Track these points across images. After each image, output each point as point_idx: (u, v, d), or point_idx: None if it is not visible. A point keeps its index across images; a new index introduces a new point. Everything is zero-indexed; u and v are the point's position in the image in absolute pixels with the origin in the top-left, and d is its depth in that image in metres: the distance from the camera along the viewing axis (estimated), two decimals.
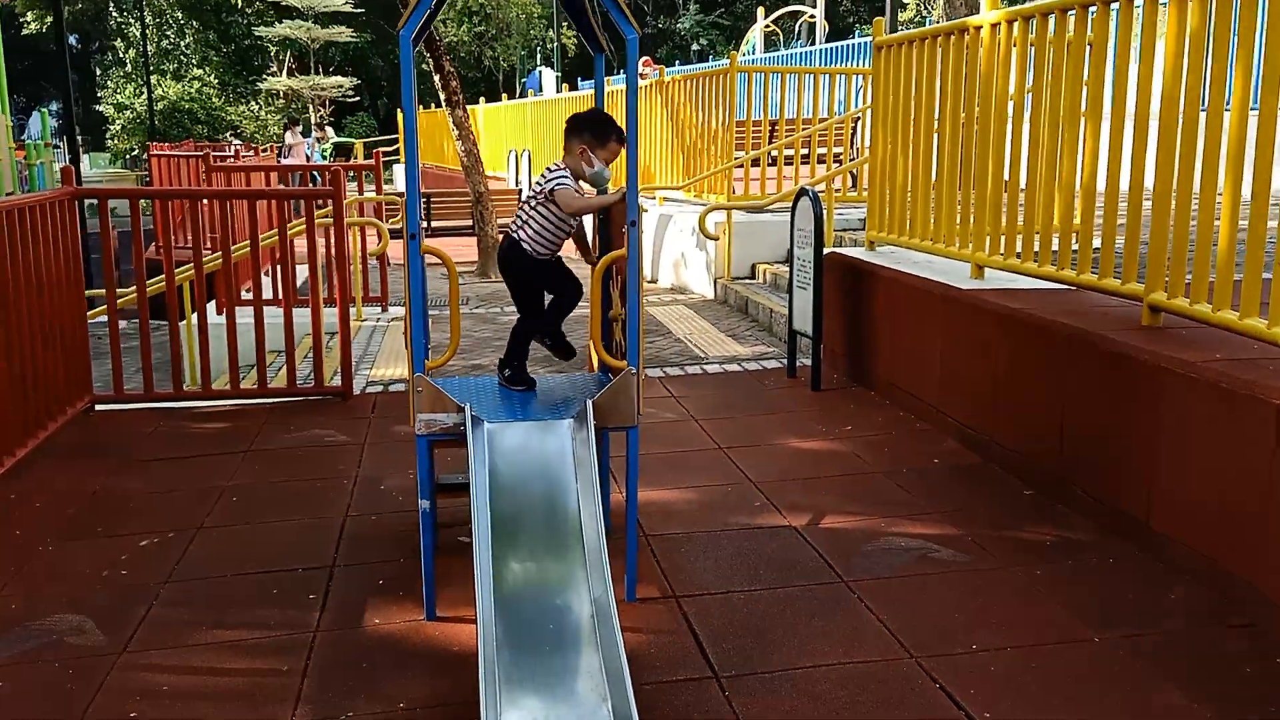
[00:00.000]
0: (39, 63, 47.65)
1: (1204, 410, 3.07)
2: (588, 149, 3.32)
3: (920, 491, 4.04)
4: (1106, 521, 3.56)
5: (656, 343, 7.10)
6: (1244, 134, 3.09)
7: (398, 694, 2.72)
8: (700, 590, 3.26)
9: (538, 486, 2.87)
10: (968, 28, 4.79)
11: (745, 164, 9.50)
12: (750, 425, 5.03)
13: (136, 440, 5.00)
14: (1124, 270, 3.79)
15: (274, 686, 2.78)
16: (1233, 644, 2.83)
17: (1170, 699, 2.59)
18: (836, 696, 2.64)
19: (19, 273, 4.70)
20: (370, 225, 8.55)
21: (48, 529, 3.90)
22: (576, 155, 3.34)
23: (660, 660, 2.85)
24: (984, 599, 3.14)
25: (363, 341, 7.38)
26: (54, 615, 3.21)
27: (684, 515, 3.89)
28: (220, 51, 41.27)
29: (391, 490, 4.24)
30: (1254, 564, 2.91)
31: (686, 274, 9.58)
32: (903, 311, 5.17)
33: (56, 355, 5.11)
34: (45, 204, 5.07)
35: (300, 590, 3.34)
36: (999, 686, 2.67)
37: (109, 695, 2.76)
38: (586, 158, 3.33)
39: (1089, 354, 3.62)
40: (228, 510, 4.07)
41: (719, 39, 41.01)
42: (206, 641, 3.05)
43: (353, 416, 5.33)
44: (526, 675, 2.38)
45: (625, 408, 3.10)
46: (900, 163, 5.52)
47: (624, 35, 2.87)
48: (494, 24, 38.72)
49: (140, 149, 37.54)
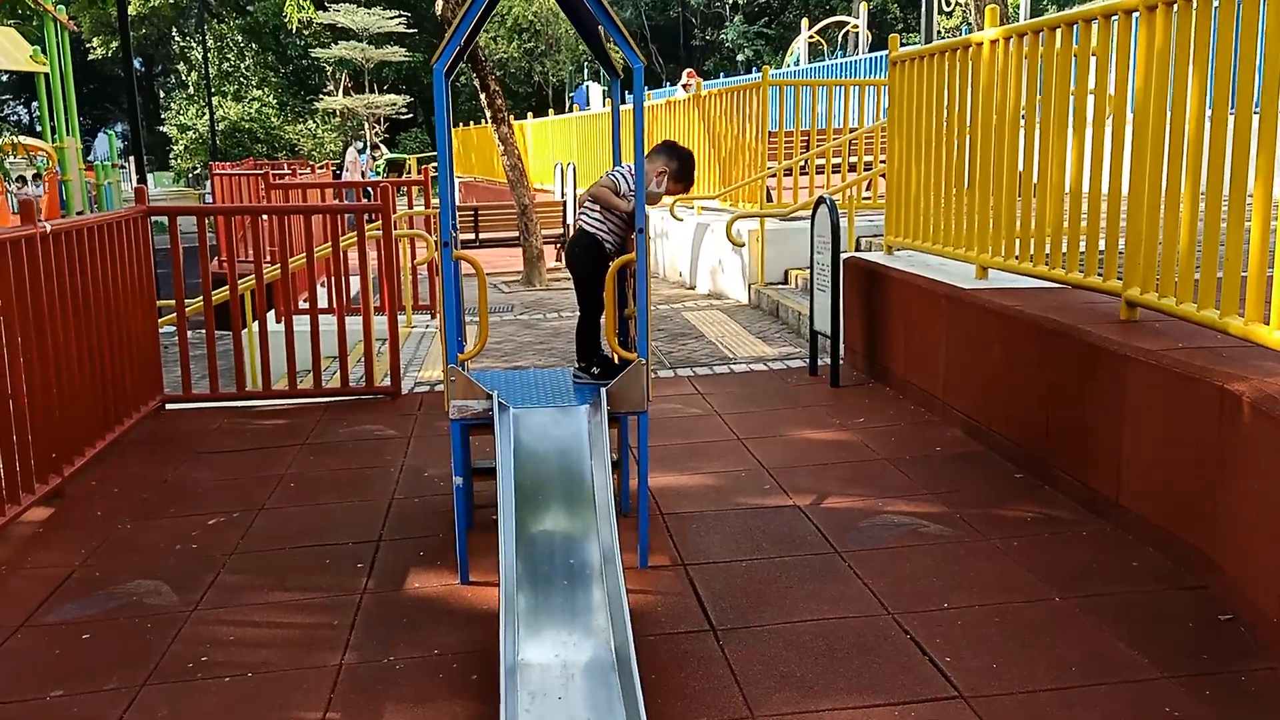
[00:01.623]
0: (103, 86, 49.56)
1: (1161, 393, 3.35)
2: (667, 175, 3.79)
3: (919, 476, 4.35)
4: (1084, 499, 3.84)
5: (688, 345, 7.45)
6: (1201, 142, 3.37)
7: (433, 643, 3.10)
8: (706, 559, 3.61)
9: (556, 461, 3.25)
10: (971, 44, 5.09)
11: (779, 173, 9.83)
12: (769, 419, 5.36)
13: (203, 435, 5.47)
14: (1105, 269, 4.07)
15: (325, 637, 3.18)
16: (1181, 604, 3.11)
17: (1113, 646, 2.89)
18: (816, 645, 2.98)
19: (98, 284, 5.17)
20: (419, 237, 9.02)
21: (125, 510, 4.36)
22: (655, 172, 3.78)
23: (665, 616, 3.20)
24: (962, 566, 3.45)
25: (411, 346, 7.84)
26: (133, 581, 3.65)
27: (697, 496, 4.24)
28: (278, 73, 42.58)
29: (434, 477, 4.64)
30: (1205, 533, 3.18)
31: (723, 280, 9.92)
32: (913, 311, 5.47)
33: (130, 359, 5.58)
34: (121, 221, 5.57)
35: (350, 560, 3.75)
36: (962, 637, 2.98)
37: (183, 643, 3.17)
38: (660, 180, 3.78)
39: (1069, 346, 3.91)
40: (286, 494, 4.50)
41: (765, 49, 41.31)
42: (266, 601, 3.46)
43: (400, 413, 5.76)
44: (542, 609, 2.75)
45: (636, 395, 3.46)
46: (913, 170, 5.82)
47: (630, 65, 3.24)
48: (544, 40, 39.47)
49: (202, 168, 38.85)
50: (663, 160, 3.83)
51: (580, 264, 3.85)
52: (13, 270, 4.29)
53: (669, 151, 3.87)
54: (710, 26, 45.84)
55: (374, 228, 7.35)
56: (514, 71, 39.66)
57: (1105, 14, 4.05)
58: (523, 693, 2.59)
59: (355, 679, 2.92)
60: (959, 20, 31.26)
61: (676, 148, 3.91)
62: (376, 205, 6.35)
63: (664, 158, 3.83)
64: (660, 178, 3.81)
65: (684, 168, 3.87)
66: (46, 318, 4.55)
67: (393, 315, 6.52)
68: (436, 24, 29.90)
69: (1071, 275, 4.28)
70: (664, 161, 3.83)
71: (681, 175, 3.86)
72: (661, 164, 3.82)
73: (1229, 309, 3.25)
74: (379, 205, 6.27)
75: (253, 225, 6.42)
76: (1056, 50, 4.34)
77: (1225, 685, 2.69)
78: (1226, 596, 3.07)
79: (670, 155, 3.85)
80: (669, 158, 3.84)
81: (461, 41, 3.22)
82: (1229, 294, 3.26)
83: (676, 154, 3.87)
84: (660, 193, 3.84)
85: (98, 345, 5.14)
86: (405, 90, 38.85)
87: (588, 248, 3.80)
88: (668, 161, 3.83)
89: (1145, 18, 3.73)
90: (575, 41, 38.85)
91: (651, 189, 3.78)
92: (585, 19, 3.59)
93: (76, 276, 4.90)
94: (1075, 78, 4.22)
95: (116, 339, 5.37)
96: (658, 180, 3.80)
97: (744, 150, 9.92)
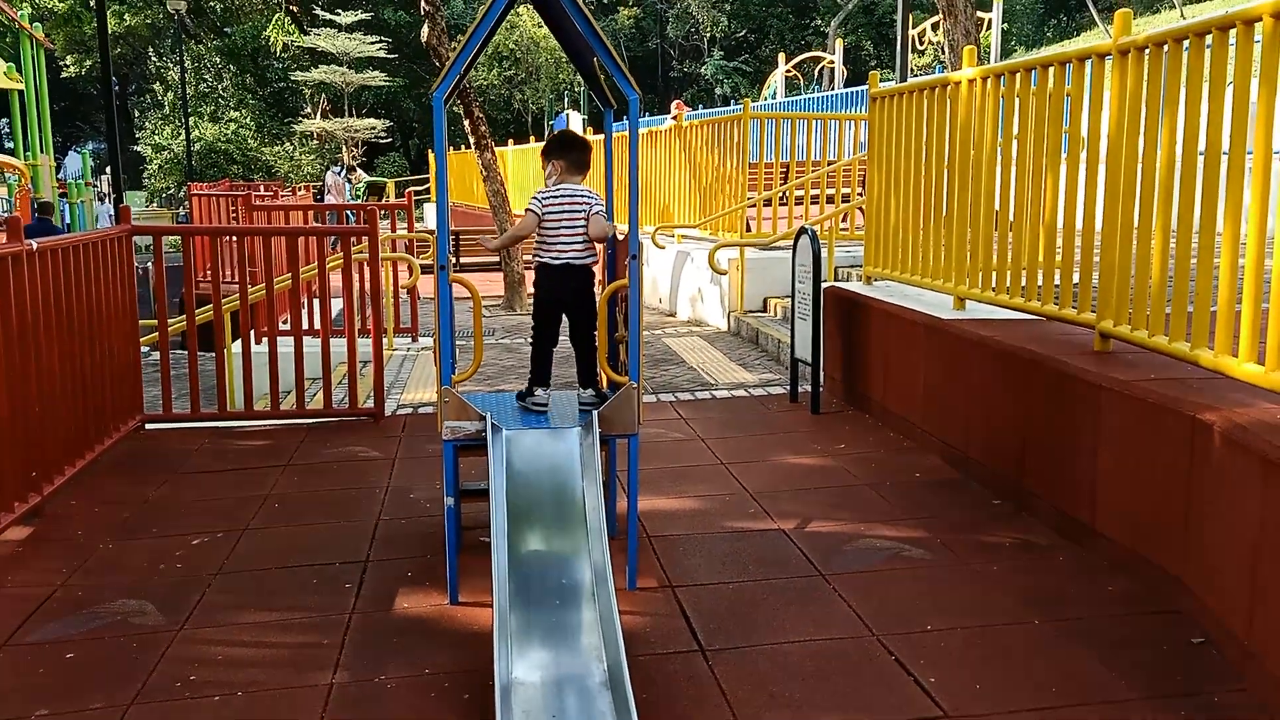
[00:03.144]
0: (76, 104, 49.30)
1: (1134, 423, 3.46)
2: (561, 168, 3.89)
3: (899, 501, 4.43)
4: (1060, 525, 3.94)
5: (670, 371, 7.53)
6: (1172, 180, 3.50)
7: (424, 662, 3.13)
8: (693, 581, 3.67)
9: (548, 481, 3.30)
10: (949, 82, 5.24)
11: (759, 204, 9.97)
12: (751, 444, 5.43)
13: (185, 455, 5.46)
14: (1079, 301, 4.19)
15: (315, 656, 3.19)
16: (1154, 627, 3.20)
17: (1090, 667, 2.97)
18: (803, 665, 3.04)
19: (81, 302, 5.17)
20: (402, 260, 9.07)
21: (106, 530, 4.34)
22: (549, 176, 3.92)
23: (655, 637, 3.25)
24: (943, 590, 3.53)
25: (394, 369, 7.86)
26: (117, 600, 3.64)
27: (683, 519, 4.29)
28: (257, 94, 42.53)
29: (420, 499, 4.66)
30: (1177, 558, 3.28)
31: (702, 308, 10.02)
32: (893, 340, 5.58)
33: (111, 377, 5.57)
34: (104, 240, 5.57)
35: (337, 580, 3.77)
36: (945, 658, 3.05)
37: (169, 663, 3.17)
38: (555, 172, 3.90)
39: (1044, 376, 4.02)
40: (271, 514, 4.50)
41: (743, 83, 41.80)
42: (254, 621, 3.47)
43: (384, 435, 5.78)
44: (535, 628, 2.79)
45: (627, 417, 3.53)
46: (892, 202, 5.95)
47: (626, 96, 3.32)
48: (524, 68, 39.73)
49: (177, 188, 38.66)
50: (552, 161, 3.90)
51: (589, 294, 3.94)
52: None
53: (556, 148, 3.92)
54: (688, 59, 46.35)
55: (359, 250, 7.39)
56: (494, 99, 39.87)
57: (1080, 57, 4.20)
58: (517, 711, 2.63)
59: (347, 698, 2.94)
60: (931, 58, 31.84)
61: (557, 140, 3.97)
62: (363, 228, 6.39)
63: (553, 157, 3.90)
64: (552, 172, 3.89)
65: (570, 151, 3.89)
66: (29, 334, 4.54)
67: (377, 337, 6.55)
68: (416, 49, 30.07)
69: (1047, 307, 4.40)
70: (553, 160, 3.89)
71: (576, 162, 3.90)
72: (552, 164, 3.90)
73: (1199, 341, 3.37)
74: (365, 228, 6.31)
75: (238, 245, 6.44)
76: (1032, 90, 4.48)
77: (1198, 706, 2.77)
78: (1198, 620, 3.16)
79: (558, 151, 3.90)
80: (558, 154, 3.89)
81: (461, 70, 3.30)
82: (1199, 327, 3.37)
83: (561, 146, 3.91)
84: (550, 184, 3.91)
85: (79, 363, 5.13)
86: (384, 114, 38.91)
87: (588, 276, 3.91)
88: (557, 159, 3.89)
89: (1118, 61, 3.88)
90: (555, 70, 39.16)
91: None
92: (581, 50, 3.68)
93: (60, 295, 4.90)
94: (1050, 116, 4.36)
95: (98, 357, 5.37)
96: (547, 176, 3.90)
97: (725, 181, 10.06)
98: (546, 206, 3.79)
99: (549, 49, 37.88)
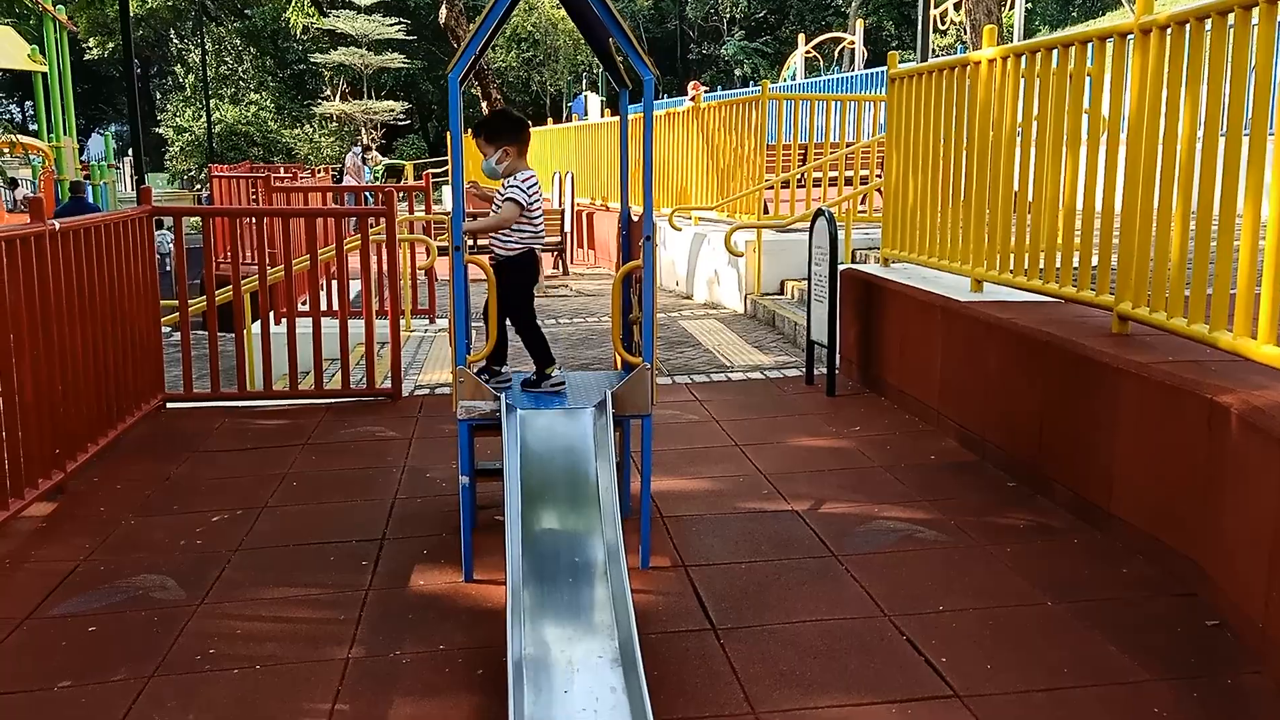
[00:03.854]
0: (98, 87, 49.58)
1: (1152, 405, 3.44)
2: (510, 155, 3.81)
3: (914, 484, 4.42)
4: (1076, 508, 3.92)
5: (686, 353, 7.53)
6: (1192, 161, 3.47)
7: (439, 638, 3.16)
8: (706, 561, 3.68)
9: (562, 461, 3.32)
10: (969, 62, 5.19)
11: (776, 186, 9.93)
12: (766, 426, 5.43)
13: (205, 434, 5.51)
14: (1098, 283, 4.16)
15: (332, 632, 3.23)
16: (1170, 609, 3.19)
17: (1104, 649, 2.97)
18: (815, 644, 3.05)
19: (103, 282, 5.22)
20: (420, 242, 9.09)
21: (128, 507, 4.40)
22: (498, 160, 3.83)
23: (667, 615, 3.27)
24: (957, 571, 3.53)
25: (411, 350, 7.90)
26: (138, 575, 3.69)
27: (697, 500, 4.31)
28: (276, 77, 42.65)
29: (435, 478, 4.69)
30: (1193, 541, 3.26)
31: (719, 290, 10.00)
32: (909, 323, 5.56)
33: (133, 357, 5.63)
34: (126, 221, 5.62)
35: (354, 558, 3.80)
36: (957, 639, 3.06)
37: (190, 637, 3.22)
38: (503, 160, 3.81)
39: (1062, 358, 4.00)
40: (289, 492, 4.55)
41: (763, 64, 41.56)
42: (273, 597, 3.52)
43: (401, 415, 5.81)
44: (548, 605, 2.82)
45: (640, 398, 3.54)
46: (911, 184, 5.92)
47: (641, 77, 3.32)
48: (542, 50, 39.66)
49: (197, 170, 38.87)
50: (503, 146, 3.78)
51: None
52: (21, 267, 4.34)
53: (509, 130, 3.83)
54: (708, 41, 46.11)
55: (376, 231, 7.42)
56: (512, 81, 39.84)
57: (1101, 36, 4.16)
58: (529, 687, 2.65)
59: (363, 672, 2.98)
60: (953, 38, 31.54)
61: (508, 120, 3.88)
62: (381, 210, 6.41)
63: (504, 141, 3.78)
64: (504, 158, 3.80)
65: (522, 133, 3.81)
66: (53, 314, 4.59)
67: (395, 318, 6.58)
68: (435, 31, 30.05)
69: (1065, 289, 4.37)
70: (505, 145, 3.78)
71: (526, 145, 3.83)
72: (503, 149, 3.79)
73: (1218, 324, 3.34)
74: (384, 210, 6.33)
75: (257, 226, 6.48)
76: (1053, 70, 4.43)
77: (1213, 688, 2.77)
78: (1214, 603, 3.15)
79: (512, 135, 3.80)
80: (511, 138, 3.80)
81: (477, 50, 3.30)
82: (1218, 309, 3.34)
83: (515, 127, 3.83)
84: (495, 168, 3.81)
85: (101, 343, 5.18)
86: (403, 96, 38.96)
87: None
88: (510, 144, 3.78)
89: (1139, 40, 3.83)
90: (573, 51, 39.07)
91: (498, 168, 3.80)
92: (597, 31, 3.67)
93: (82, 275, 4.95)
94: (1070, 97, 4.31)
95: (120, 337, 5.42)
96: (498, 161, 3.79)
97: (742, 162, 10.02)
98: (531, 197, 3.76)
99: (567, 30, 37.79)
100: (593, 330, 8.78)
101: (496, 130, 3.83)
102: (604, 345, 7.84)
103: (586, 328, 8.98)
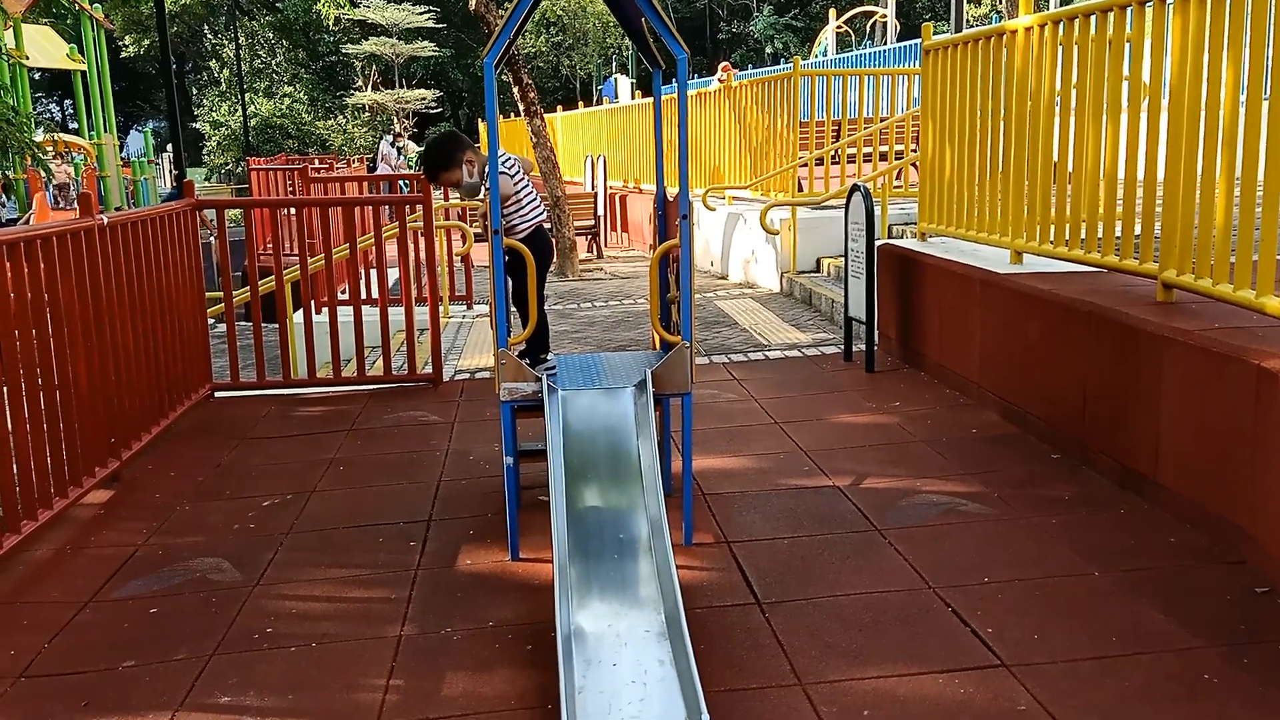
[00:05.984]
0: (135, 84, 50.26)
1: (1198, 373, 3.41)
2: (475, 163, 4.00)
3: (956, 457, 4.42)
4: (1121, 478, 3.90)
5: (723, 333, 7.54)
6: (1236, 126, 3.41)
7: (488, 615, 3.22)
8: (749, 537, 3.71)
9: (604, 440, 3.36)
10: (1005, 31, 5.14)
11: (810, 163, 9.89)
12: (805, 403, 5.44)
13: (253, 421, 5.62)
14: (1141, 252, 4.12)
15: (384, 610, 3.31)
16: (1218, 577, 3.17)
17: (1152, 617, 2.96)
18: (860, 617, 3.07)
19: (151, 275, 5.33)
20: (456, 228, 9.16)
21: (182, 493, 4.51)
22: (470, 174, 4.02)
23: (711, 590, 3.30)
24: (1001, 543, 3.53)
25: (450, 336, 7.98)
26: (195, 558, 3.79)
27: (738, 477, 4.33)
28: (309, 69, 42.96)
29: (479, 460, 4.76)
30: (1241, 509, 3.24)
31: (755, 269, 9.99)
32: (948, 296, 5.53)
33: (182, 347, 5.75)
34: (172, 214, 5.72)
35: (402, 538, 3.88)
36: (1004, 610, 3.06)
37: (247, 616, 3.31)
38: (470, 169, 4.00)
39: (1106, 328, 3.96)
40: (337, 477, 4.64)
41: (793, 40, 41.19)
42: (325, 577, 3.60)
43: (443, 400, 5.89)
44: (594, 581, 2.86)
45: (680, 377, 3.56)
46: (947, 157, 5.87)
47: (674, 55, 3.33)
48: (571, 34, 39.58)
49: (235, 163, 39.34)
50: (464, 164, 3.98)
51: None
52: (73, 261, 4.44)
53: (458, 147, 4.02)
54: (737, 19, 45.76)
55: (414, 219, 7.50)
56: (542, 65, 39.82)
57: (1141, 1, 4.09)
58: (578, 660, 2.70)
59: (415, 649, 3.05)
60: (988, 8, 31.06)
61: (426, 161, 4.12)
62: (417, 197, 6.47)
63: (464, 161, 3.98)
64: (469, 166, 3.97)
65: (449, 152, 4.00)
66: (105, 307, 4.70)
67: (434, 304, 6.65)
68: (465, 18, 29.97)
69: (1107, 258, 4.33)
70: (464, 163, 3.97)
71: (464, 149, 4.00)
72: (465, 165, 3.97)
73: (1265, 289, 3.30)
74: (420, 197, 6.39)
75: (296, 217, 6.56)
76: (1091, 36, 4.38)
77: (1263, 654, 2.75)
78: (1263, 569, 3.13)
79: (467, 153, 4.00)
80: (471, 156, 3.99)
81: (511, 35, 3.32)
82: (1265, 274, 3.30)
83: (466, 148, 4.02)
84: (476, 182, 3.99)
85: (151, 334, 5.29)
86: (434, 85, 39.09)
87: None
88: (472, 157, 3.98)
89: (1180, 4, 3.77)
90: (603, 35, 38.95)
91: (474, 180, 3.98)
92: (629, 11, 3.69)
93: (131, 268, 5.06)
94: (1110, 63, 4.26)
95: (168, 328, 5.53)
96: (468, 171, 3.98)
97: (775, 140, 9.97)
98: (513, 170, 3.91)
99: (596, 13, 37.68)
100: (629, 313, 8.81)
101: (441, 160, 4.05)
102: (640, 327, 7.87)
103: (623, 310, 9.01)
